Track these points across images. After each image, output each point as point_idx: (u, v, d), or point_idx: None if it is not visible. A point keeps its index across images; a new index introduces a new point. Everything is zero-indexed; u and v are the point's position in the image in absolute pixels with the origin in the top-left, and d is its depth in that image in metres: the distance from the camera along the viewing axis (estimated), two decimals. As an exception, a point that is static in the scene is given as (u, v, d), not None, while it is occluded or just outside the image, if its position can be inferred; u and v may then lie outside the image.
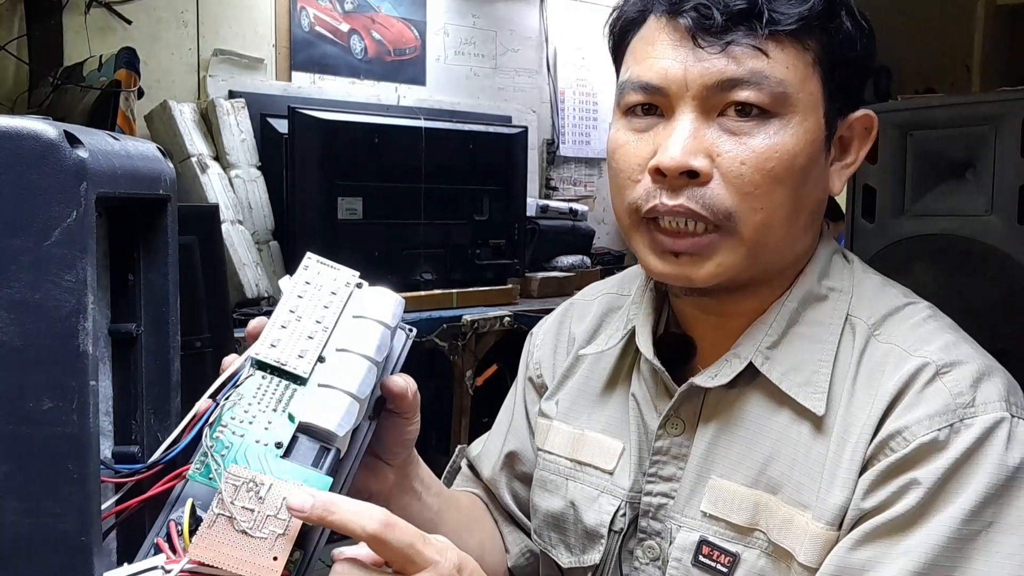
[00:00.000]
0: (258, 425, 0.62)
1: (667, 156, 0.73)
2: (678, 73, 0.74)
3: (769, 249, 0.76)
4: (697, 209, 0.73)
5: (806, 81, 0.74)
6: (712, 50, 0.73)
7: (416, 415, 0.75)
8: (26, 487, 0.50)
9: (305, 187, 2.67)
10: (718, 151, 0.73)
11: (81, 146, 0.50)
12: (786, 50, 0.73)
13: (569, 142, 4.15)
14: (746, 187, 0.73)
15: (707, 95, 0.73)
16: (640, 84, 0.76)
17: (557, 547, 0.91)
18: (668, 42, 0.75)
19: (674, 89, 0.74)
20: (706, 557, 0.78)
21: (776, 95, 0.73)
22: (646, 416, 0.86)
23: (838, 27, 0.75)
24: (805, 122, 0.74)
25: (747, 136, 0.73)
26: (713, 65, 0.73)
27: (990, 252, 1.57)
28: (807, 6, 0.73)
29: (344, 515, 0.57)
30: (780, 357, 0.78)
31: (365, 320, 0.67)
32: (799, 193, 0.75)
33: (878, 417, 0.72)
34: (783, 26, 0.73)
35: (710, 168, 0.73)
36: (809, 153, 0.75)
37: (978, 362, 0.73)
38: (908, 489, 0.69)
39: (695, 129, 0.74)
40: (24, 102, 2.69)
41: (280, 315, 0.66)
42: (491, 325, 2.72)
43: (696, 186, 0.73)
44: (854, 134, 0.81)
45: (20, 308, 0.49)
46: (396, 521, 0.59)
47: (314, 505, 0.57)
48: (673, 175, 0.73)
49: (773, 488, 0.76)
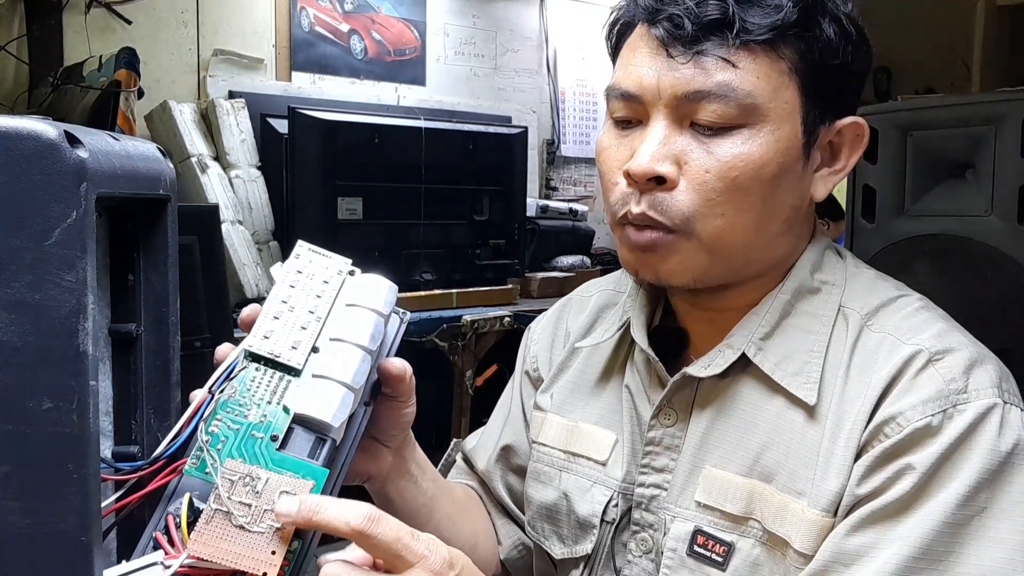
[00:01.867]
0: (253, 418, 0.62)
1: (635, 163, 0.76)
2: (652, 82, 0.76)
3: (735, 254, 0.78)
4: (655, 216, 0.76)
5: (780, 90, 0.75)
6: (682, 60, 0.75)
7: (412, 398, 0.76)
8: (26, 487, 0.50)
9: (305, 187, 2.67)
10: (686, 159, 0.76)
11: (81, 146, 0.50)
12: (758, 60, 0.74)
13: (569, 142, 4.15)
14: (708, 194, 0.75)
15: (677, 104, 0.75)
16: (619, 92, 0.79)
17: (550, 538, 0.91)
18: (646, 51, 0.78)
19: (648, 97, 0.77)
20: (701, 547, 0.79)
21: (744, 107, 0.74)
22: (639, 407, 0.86)
23: (817, 35, 0.76)
24: (778, 131, 0.75)
25: (715, 145, 0.75)
26: (683, 76, 0.75)
27: (990, 252, 1.57)
28: (780, 16, 0.74)
29: (330, 514, 0.57)
30: (772, 347, 0.80)
31: (358, 308, 0.67)
32: (769, 200, 0.77)
33: (872, 404, 0.74)
34: (755, 36, 0.74)
35: (676, 175, 0.76)
36: (780, 162, 0.76)
37: (970, 349, 0.75)
38: (903, 474, 0.70)
39: (666, 136, 0.76)
40: (24, 102, 2.69)
41: (272, 306, 0.66)
42: (491, 325, 2.72)
43: (661, 191, 0.76)
44: (844, 141, 0.81)
45: (20, 308, 0.49)
46: (382, 516, 0.59)
47: (300, 509, 0.57)
48: (641, 181, 0.76)
49: (767, 477, 0.77)
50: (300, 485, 0.60)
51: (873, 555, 0.69)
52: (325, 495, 0.61)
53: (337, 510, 0.58)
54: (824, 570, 0.71)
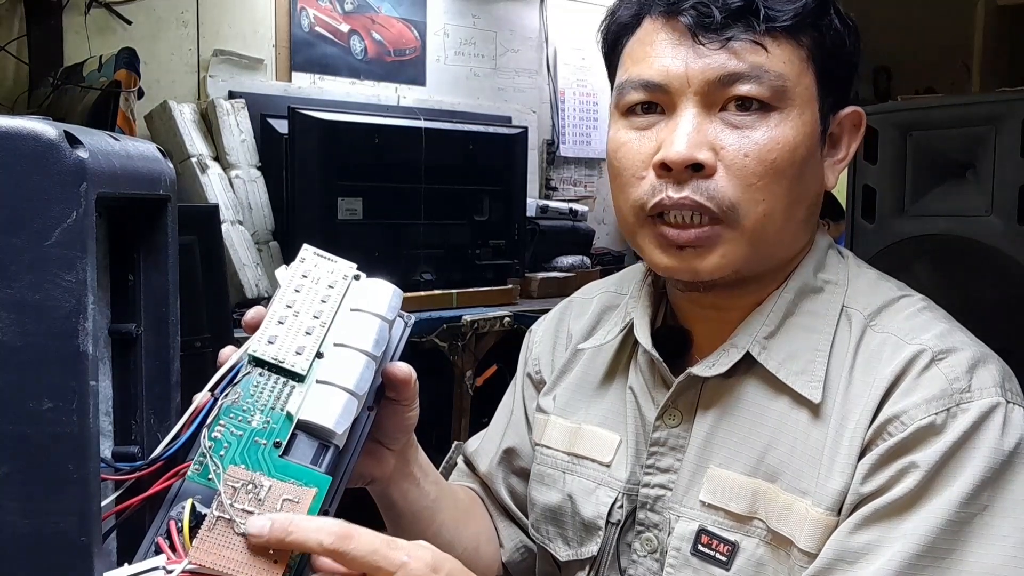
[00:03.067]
0: (256, 424, 0.62)
1: (672, 150, 0.75)
2: (679, 70, 0.76)
3: (769, 241, 0.78)
4: (702, 201, 0.75)
5: (802, 76, 0.77)
6: (713, 46, 0.75)
7: (415, 401, 0.76)
8: (26, 487, 0.49)
9: (305, 187, 2.67)
10: (721, 144, 0.76)
11: (81, 146, 0.50)
12: (782, 45, 0.76)
13: (569, 142, 4.15)
14: (749, 179, 0.75)
15: (709, 90, 0.76)
16: (641, 82, 0.78)
17: (555, 541, 0.91)
18: (667, 41, 0.78)
19: (676, 86, 0.77)
20: (705, 546, 0.79)
21: (776, 88, 0.75)
22: (643, 408, 0.86)
23: (828, 24, 0.78)
24: (803, 115, 0.77)
25: (749, 129, 0.76)
26: (715, 61, 0.75)
27: (990, 252, 1.57)
28: (801, 3, 0.76)
29: (302, 533, 0.56)
30: (777, 346, 0.80)
31: (362, 314, 0.66)
32: (797, 186, 0.77)
33: (876, 403, 0.74)
34: (779, 22, 0.75)
35: (714, 161, 0.76)
36: (808, 146, 0.77)
37: (973, 349, 0.75)
38: (906, 472, 0.70)
39: (698, 124, 0.76)
40: (24, 102, 2.69)
41: (277, 310, 0.66)
42: (491, 325, 2.72)
43: (700, 179, 0.76)
44: (844, 130, 0.84)
45: (20, 308, 0.49)
46: (355, 531, 0.57)
47: (272, 528, 0.56)
48: (679, 169, 0.75)
49: (772, 476, 0.77)
50: (303, 492, 0.59)
51: (877, 553, 0.69)
52: (315, 505, 0.59)
53: (308, 530, 0.56)
54: (828, 568, 0.71)
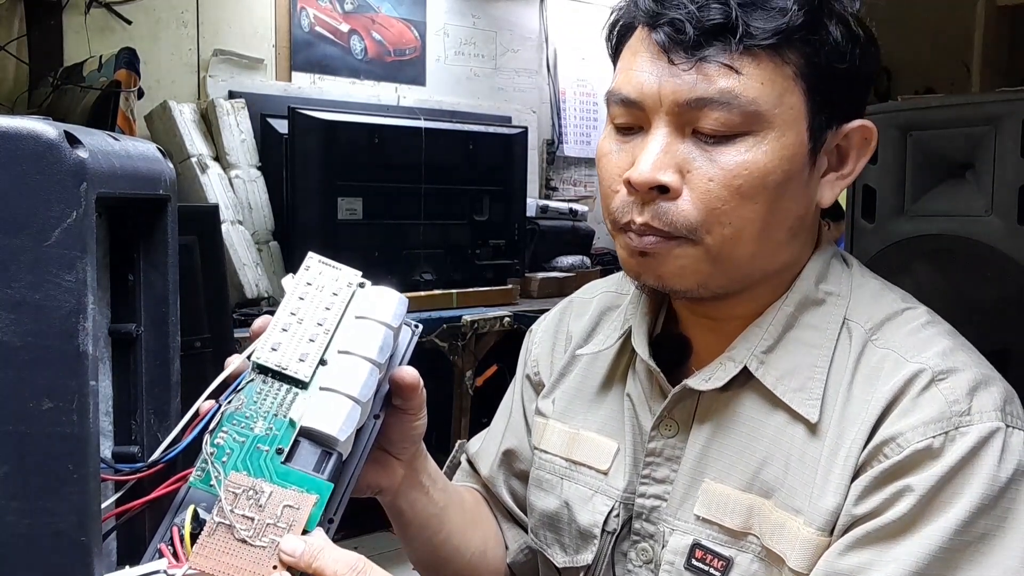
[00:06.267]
0: (259, 430, 0.62)
1: (637, 171, 0.73)
2: (652, 88, 0.74)
3: (739, 262, 0.76)
4: (659, 227, 0.74)
5: (785, 95, 0.73)
6: (684, 66, 0.72)
7: (423, 410, 0.75)
8: (26, 487, 0.50)
9: (305, 187, 2.67)
10: (689, 167, 0.73)
11: (81, 146, 0.50)
12: (762, 65, 0.72)
13: (569, 142, 4.15)
14: (713, 203, 0.73)
15: (679, 111, 0.73)
16: (619, 97, 0.77)
17: (552, 547, 0.91)
18: (647, 55, 0.75)
19: (649, 104, 0.74)
20: (699, 561, 0.77)
21: (748, 114, 0.72)
22: (640, 417, 0.86)
23: (823, 39, 0.73)
24: (783, 137, 0.73)
25: (718, 153, 0.73)
26: (684, 83, 0.72)
27: (990, 252, 1.57)
28: (785, 20, 0.71)
29: (323, 562, 0.58)
30: (775, 362, 0.78)
31: (367, 321, 0.66)
32: (775, 208, 0.74)
33: (872, 422, 0.72)
34: (759, 41, 0.71)
35: (680, 184, 0.73)
36: (786, 169, 0.74)
37: (975, 370, 0.73)
38: (901, 496, 0.69)
39: (668, 144, 0.74)
40: (24, 102, 2.69)
41: (281, 318, 0.66)
42: (491, 325, 2.72)
43: (665, 200, 0.74)
44: (851, 145, 0.79)
45: (20, 308, 0.49)
46: (368, 567, 0.59)
47: (304, 552, 0.58)
48: (643, 190, 0.74)
49: (767, 492, 0.76)
50: (304, 499, 0.59)
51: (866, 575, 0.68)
52: (315, 512, 0.60)
53: (330, 559, 0.58)
54: None
